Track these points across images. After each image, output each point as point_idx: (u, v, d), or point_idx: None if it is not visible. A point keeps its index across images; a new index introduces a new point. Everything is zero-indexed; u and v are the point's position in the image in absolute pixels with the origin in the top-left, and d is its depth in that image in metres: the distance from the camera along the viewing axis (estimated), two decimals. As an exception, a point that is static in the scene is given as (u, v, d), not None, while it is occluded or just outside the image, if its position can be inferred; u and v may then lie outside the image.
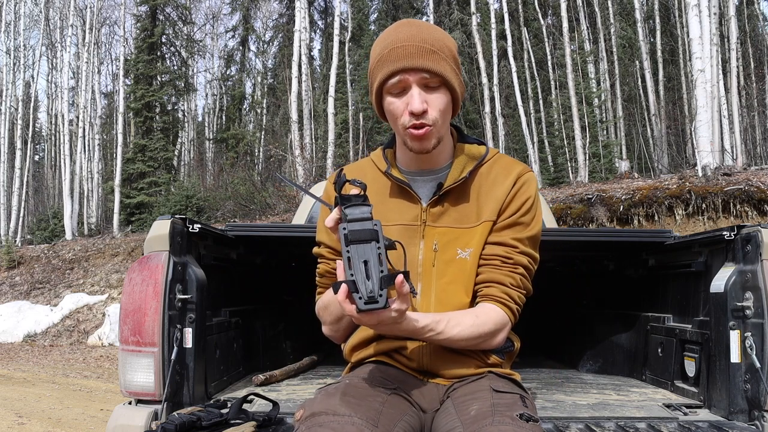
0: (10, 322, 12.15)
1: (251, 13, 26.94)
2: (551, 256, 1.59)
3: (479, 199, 1.40)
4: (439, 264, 1.38)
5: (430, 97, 1.29)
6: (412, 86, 1.27)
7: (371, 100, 1.38)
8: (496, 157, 1.44)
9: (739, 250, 1.67)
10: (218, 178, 20.58)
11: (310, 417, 1.16)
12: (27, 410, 5.13)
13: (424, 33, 1.28)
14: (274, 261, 2.62)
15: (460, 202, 1.40)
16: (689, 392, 1.87)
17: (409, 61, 1.26)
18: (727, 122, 12.55)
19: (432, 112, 1.29)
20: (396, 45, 1.27)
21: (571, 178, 14.71)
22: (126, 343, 1.64)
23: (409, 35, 1.27)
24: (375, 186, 1.42)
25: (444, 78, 1.28)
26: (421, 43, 1.26)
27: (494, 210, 1.38)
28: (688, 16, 10.80)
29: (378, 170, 1.47)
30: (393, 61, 1.27)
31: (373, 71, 1.33)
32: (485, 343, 1.34)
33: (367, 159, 1.54)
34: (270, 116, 25.06)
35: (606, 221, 9.54)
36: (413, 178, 1.43)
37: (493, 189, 1.39)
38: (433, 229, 1.39)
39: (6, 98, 21.24)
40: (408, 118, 1.29)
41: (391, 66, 1.27)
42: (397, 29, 1.30)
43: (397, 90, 1.29)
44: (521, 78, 17.35)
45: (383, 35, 1.32)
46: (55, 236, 18.54)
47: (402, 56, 1.26)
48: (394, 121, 1.34)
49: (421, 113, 1.27)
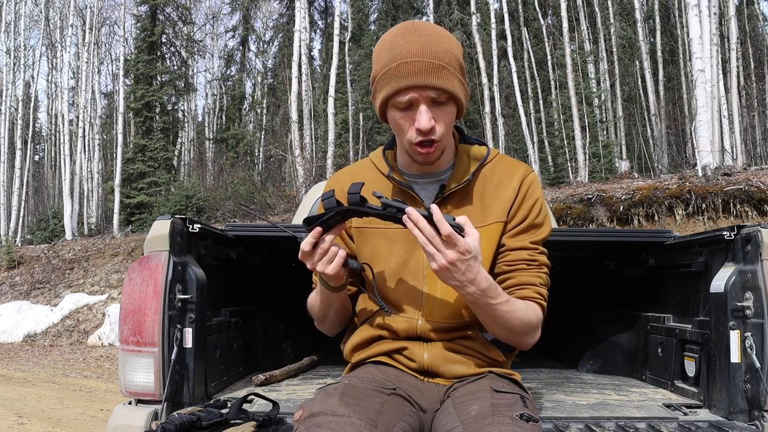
0: (10, 322, 12.15)
1: (251, 13, 26.95)
2: (551, 256, 1.58)
3: (483, 200, 1.39)
4: None
5: (437, 112, 1.27)
6: (420, 104, 1.26)
7: (374, 105, 1.36)
8: (498, 158, 1.44)
9: (739, 250, 1.67)
10: (218, 178, 20.58)
11: (309, 417, 1.16)
12: (27, 410, 5.13)
13: (433, 45, 1.24)
14: (274, 261, 2.62)
15: (464, 203, 1.39)
16: (689, 392, 1.87)
17: (418, 79, 1.23)
18: (727, 122, 12.55)
19: (439, 128, 1.28)
20: (405, 60, 1.23)
21: (571, 178, 14.71)
22: (126, 343, 1.64)
23: (419, 49, 1.23)
24: (376, 188, 1.42)
25: (452, 94, 1.27)
26: (431, 59, 1.23)
27: (502, 211, 1.38)
28: (688, 16, 10.80)
29: (378, 172, 1.46)
30: (401, 77, 1.24)
31: (379, 81, 1.29)
32: (525, 336, 1.35)
33: (367, 160, 1.53)
34: (270, 116, 25.06)
35: (606, 221, 9.55)
36: (415, 180, 1.43)
37: (498, 190, 1.39)
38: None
39: (6, 98, 21.24)
40: (415, 134, 1.28)
41: (400, 82, 1.24)
42: (405, 38, 1.26)
43: (403, 106, 1.28)
44: (521, 78, 17.35)
45: (389, 41, 1.28)
46: (55, 236, 18.54)
47: (411, 73, 1.23)
48: (399, 134, 1.33)
49: (428, 131, 1.26)
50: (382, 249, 1.41)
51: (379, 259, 1.41)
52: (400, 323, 1.39)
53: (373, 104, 1.37)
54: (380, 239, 1.42)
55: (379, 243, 1.41)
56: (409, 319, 1.38)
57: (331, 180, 1.54)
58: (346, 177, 1.50)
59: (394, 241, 1.40)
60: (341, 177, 1.52)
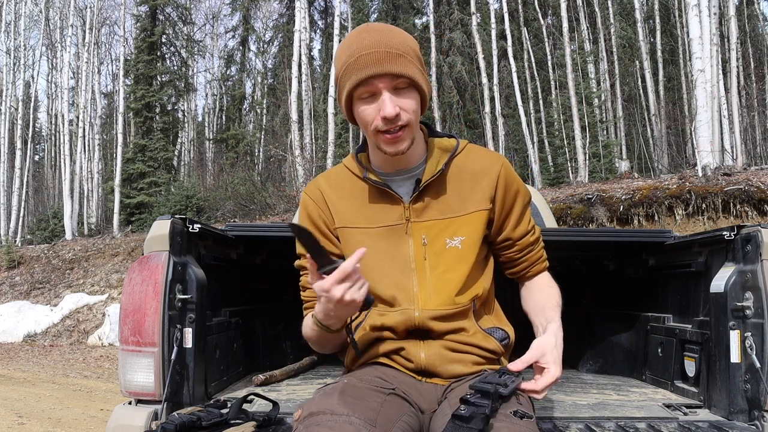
0: (10, 322, 12.14)
1: (251, 13, 26.94)
2: (551, 256, 1.59)
3: (460, 189, 1.43)
4: (430, 256, 1.40)
5: (400, 100, 1.30)
6: (383, 92, 1.29)
7: (341, 106, 1.39)
8: (468, 148, 1.49)
9: (739, 250, 1.67)
10: (218, 178, 20.57)
11: (309, 417, 1.17)
12: (27, 410, 5.13)
13: (388, 37, 1.30)
14: (274, 261, 2.62)
15: (441, 194, 1.43)
16: (689, 392, 1.87)
17: (377, 68, 1.27)
18: (727, 122, 12.54)
19: (404, 114, 1.31)
20: (362, 52, 1.28)
21: (571, 178, 14.70)
22: (126, 343, 1.64)
23: (374, 41, 1.28)
24: (353, 192, 1.46)
25: (412, 80, 1.30)
26: (387, 48, 1.28)
27: (483, 199, 1.43)
28: (688, 16, 10.80)
29: (354, 176, 1.49)
30: (361, 68, 1.28)
31: (341, 79, 1.34)
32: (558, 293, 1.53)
33: (340, 166, 1.54)
34: (270, 116, 25.06)
35: (606, 221, 9.54)
36: (391, 179, 1.45)
37: (475, 179, 1.44)
38: (418, 224, 1.41)
39: (6, 98, 21.24)
40: (381, 122, 1.31)
41: (360, 74, 1.28)
42: (360, 36, 1.31)
43: (366, 95, 1.31)
44: (521, 78, 17.34)
45: (346, 42, 1.33)
46: (55, 236, 18.54)
47: (369, 63, 1.27)
48: (366, 126, 1.35)
49: (394, 117, 1.29)
50: (367, 247, 1.41)
51: (365, 258, 1.40)
52: (396, 317, 1.39)
53: (340, 107, 1.40)
54: (363, 237, 1.43)
55: (362, 241, 1.42)
56: (405, 311, 1.39)
57: (311, 188, 1.54)
58: (324, 184, 1.52)
59: (378, 238, 1.42)
60: (321, 185, 1.52)
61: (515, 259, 1.52)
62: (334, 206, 1.47)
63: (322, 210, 1.49)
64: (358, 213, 1.45)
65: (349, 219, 1.45)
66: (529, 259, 1.52)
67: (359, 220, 1.44)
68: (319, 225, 1.49)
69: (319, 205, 1.49)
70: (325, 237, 1.48)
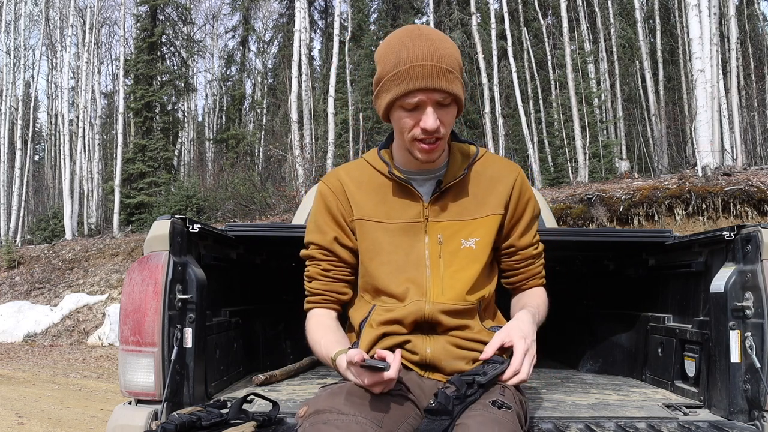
0: (10, 322, 12.14)
1: (251, 13, 26.93)
2: (551, 256, 1.60)
3: (477, 194, 1.48)
4: (445, 255, 1.45)
5: (441, 113, 1.34)
6: (428, 106, 1.32)
7: (377, 104, 1.41)
8: (487, 155, 1.54)
9: (739, 250, 1.67)
10: (218, 178, 20.56)
11: (315, 414, 1.17)
12: (27, 410, 5.13)
13: (440, 50, 1.31)
14: (274, 261, 2.62)
15: (460, 197, 1.48)
16: (689, 392, 1.87)
17: (428, 82, 1.29)
18: (727, 122, 12.53)
19: (443, 128, 1.35)
20: (414, 63, 1.30)
21: (571, 178, 14.70)
22: (126, 343, 1.64)
23: (427, 53, 1.30)
24: (373, 186, 1.50)
25: (456, 96, 1.34)
26: (439, 63, 1.30)
27: (498, 204, 1.48)
28: (688, 16, 10.80)
29: (376, 171, 1.52)
30: (412, 80, 1.30)
31: (387, 82, 1.34)
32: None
33: (361, 161, 1.57)
34: (270, 116, 25.05)
35: (606, 221, 9.54)
36: (413, 177, 1.49)
37: (491, 185, 1.49)
38: (435, 224, 1.46)
39: (6, 98, 21.24)
40: (419, 132, 1.35)
41: (410, 85, 1.30)
42: (413, 42, 1.32)
43: (411, 107, 1.34)
44: (521, 78, 17.33)
45: (397, 44, 1.34)
46: (55, 236, 18.53)
47: (421, 76, 1.29)
48: (402, 132, 1.39)
49: (434, 131, 1.33)
50: (383, 242, 1.47)
51: (381, 252, 1.46)
52: (406, 309, 1.42)
53: (375, 103, 1.42)
54: (381, 232, 1.47)
55: (379, 236, 1.46)
56: (416, 302, 1.42)
57: (330, 178, 1.56)
58: (345, 176, 1.54)
59: (395, 234, 1.46)
60: (341, 176, 1.55)
61: (515, 269, 1.56)
62: (354, 198, 1.50)
63: (340, 201, 1.51)
64: (377, 207, 1.48)
65: (367, 212, 1.48)
66: (527, 271, 1.57)
67: (378, 215, 1.48)
68: (336, 216, 1.51)
69: (338, 196, 1.52)
70: (340, 228, 1.51)
